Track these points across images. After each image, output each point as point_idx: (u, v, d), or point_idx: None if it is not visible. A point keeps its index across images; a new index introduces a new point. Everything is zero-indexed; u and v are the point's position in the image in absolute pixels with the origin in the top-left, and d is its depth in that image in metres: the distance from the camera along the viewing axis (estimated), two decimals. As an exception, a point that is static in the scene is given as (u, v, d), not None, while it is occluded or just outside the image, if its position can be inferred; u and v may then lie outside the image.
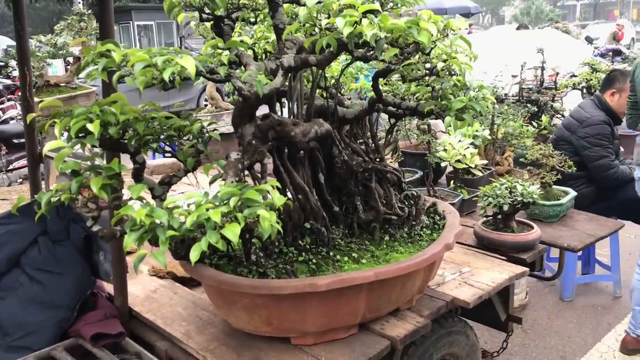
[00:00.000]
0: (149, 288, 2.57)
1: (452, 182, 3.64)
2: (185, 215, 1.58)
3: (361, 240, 2.31)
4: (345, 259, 2.18)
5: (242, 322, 2.08)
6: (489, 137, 4.02)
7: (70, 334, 2.30)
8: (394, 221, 2.38)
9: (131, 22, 18.77)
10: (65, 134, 1.68)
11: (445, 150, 3.54)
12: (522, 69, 6.24)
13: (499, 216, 3.00)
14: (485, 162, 3.91)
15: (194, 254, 1.52)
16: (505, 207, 2.87)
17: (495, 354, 3.47)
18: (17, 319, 2.32)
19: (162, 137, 2.02)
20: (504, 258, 2.86)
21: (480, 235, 2.98)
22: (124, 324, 2.34)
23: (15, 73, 9.33)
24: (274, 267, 2.05)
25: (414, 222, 2.43)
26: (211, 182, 1.95)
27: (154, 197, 1.98)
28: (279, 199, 1.65)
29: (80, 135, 1.70)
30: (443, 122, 2.11)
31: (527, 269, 2.75)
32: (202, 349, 2.08)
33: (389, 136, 2.74)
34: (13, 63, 9.79)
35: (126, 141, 1.83)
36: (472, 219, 3.46)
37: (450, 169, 3.85)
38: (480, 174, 3.66)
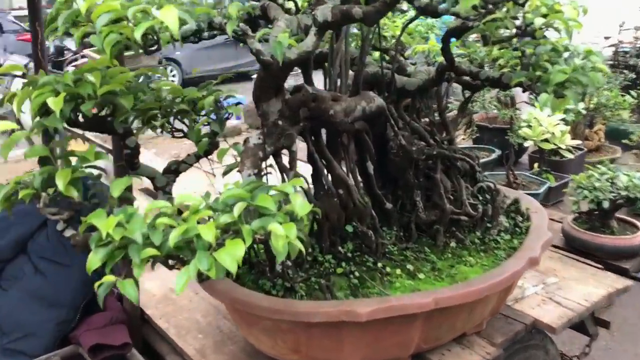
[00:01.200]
0: (167, 285, 2.20)
1: (536, 164, 3.06)
2: (175, 225, 1.16)
3: (419, 246, 1.83)
4: (398, 271, 1.71)
5: (265, 346, 1.67)
6: (583, 111, 3.38)
7: (71, 339, 1.97)
8: (463, 223, 1.89)
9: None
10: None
11: (530, 126, 2.96)
12: (619, 30, 5.44)
13: (596, 212, 2.43)
14: (578, 142, 3.29)
15: (179, 284, 1.10)
16: (606, 204, 2.30)
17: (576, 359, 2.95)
18: (16, 317, 2.02)
19: (174, 110, 1.60)
20: (600, 266, 2.31)
21: (570, 236, 2.43)
22: (134, 329, 1.99)
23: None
24: (305, 281, 1.62)
25: (489, 225, 1.92)
26: (224, 174, 1.53)
27: (156, 189, 1.58)
28: (301, 207, 1.20)
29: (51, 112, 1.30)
30: (536, 99, 1.58)
31: (630, 282, 2.19)
32: (217, 373, 1.69)
33: (463, 110, 2.21)
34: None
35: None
36: (560, 210, 2.89)
37: (533, 147, 3.26)
38: (570, 155, 3.06)
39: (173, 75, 11.10)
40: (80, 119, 1.37)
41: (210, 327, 1.93)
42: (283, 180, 1.55)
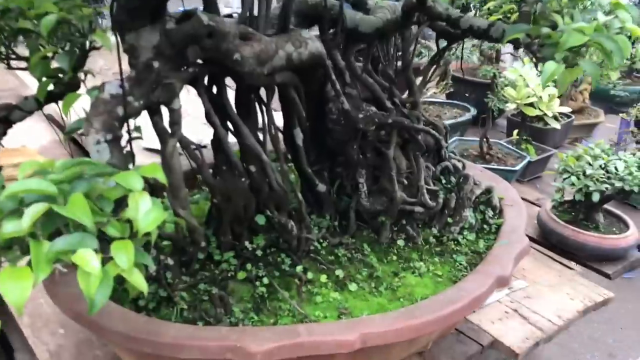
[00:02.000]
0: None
1: (515, 131, 2.61)
2: None
3: (358, 242, 1.40)
4: (323, 278, 1.28)
5: (131, 365, 1.24)
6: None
7: None
8: (417, 215, 1.45)
9: None
10: None
11: (515, 87, 2.49)
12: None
13: (581, 202, 2.02)
14: (568, 109, 2.83)
15: None
16: (596, 197, 1.88)
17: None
18: None
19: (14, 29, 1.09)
20: (577, 269, 1.92)
21: (548, 228, 2.02)
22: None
23: None
24: (191, 287, 1.18)
25: (450, 219, 1.49)
26: (67, 134, 1.04)
27: (-25, 145, 1.09)
28: (147, 218, 0.74)
29: None
30: (536, 66, 1.12)
31: (612, 294, 1.81)
32: (69, 391, 1.27)
33: (435, 64, 1.73)
34: None
35: None
36: (536, 190, 2.47)
37: (514, 109, 2.80)
38: (556, 125, 2.62)
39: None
40: None
41: (79, 321, 1.49)
42: (162, 151, 1.07)
